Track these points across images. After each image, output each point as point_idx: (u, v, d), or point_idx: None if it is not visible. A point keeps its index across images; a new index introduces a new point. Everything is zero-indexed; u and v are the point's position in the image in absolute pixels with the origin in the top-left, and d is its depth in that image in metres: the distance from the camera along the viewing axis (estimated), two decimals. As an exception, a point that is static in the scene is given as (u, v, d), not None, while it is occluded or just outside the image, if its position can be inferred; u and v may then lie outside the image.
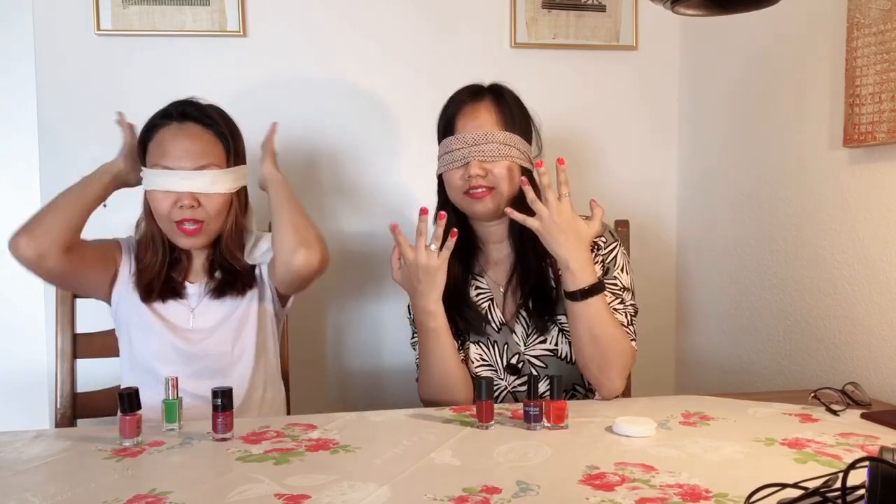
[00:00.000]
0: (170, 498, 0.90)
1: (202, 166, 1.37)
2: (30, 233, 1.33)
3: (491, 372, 1.44)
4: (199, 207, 1.38)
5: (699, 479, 0.94)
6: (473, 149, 1.36)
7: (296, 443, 1.11)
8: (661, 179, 2.12)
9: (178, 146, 1.37)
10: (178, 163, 1.37)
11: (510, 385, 1.44)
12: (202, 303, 1.46)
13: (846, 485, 0.72)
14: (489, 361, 1.45)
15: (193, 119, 1.40)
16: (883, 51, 1.36)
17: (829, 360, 1.56)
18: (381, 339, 2.02)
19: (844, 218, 1.52)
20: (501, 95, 1.42)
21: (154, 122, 1.41)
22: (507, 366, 1.43)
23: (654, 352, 2.13)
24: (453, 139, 1.39)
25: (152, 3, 1.84)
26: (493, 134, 1.37)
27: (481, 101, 1.40)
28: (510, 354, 1.44)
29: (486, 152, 1.36)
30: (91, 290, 1.49)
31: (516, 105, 1.43)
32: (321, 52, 1.94)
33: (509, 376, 1.44)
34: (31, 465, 1.04)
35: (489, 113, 1.39)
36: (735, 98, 1.87)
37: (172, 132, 1.38)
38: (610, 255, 1.41)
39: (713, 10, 1.26)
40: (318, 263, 1.37)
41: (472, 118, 1.39)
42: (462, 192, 1.39)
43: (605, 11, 2.02)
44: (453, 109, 1.42)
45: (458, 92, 1.44)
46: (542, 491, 0.91)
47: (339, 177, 1.97)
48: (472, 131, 1.37)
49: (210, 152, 1.39)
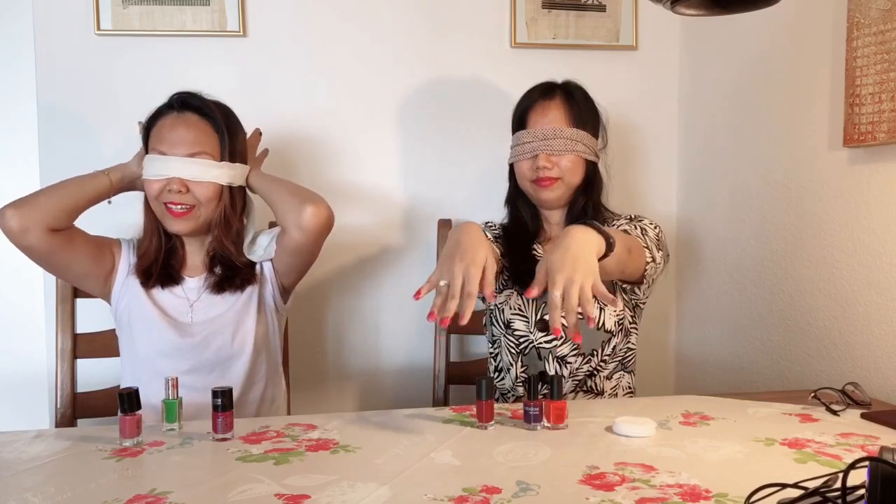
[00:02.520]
0: (170, 498, 0.90)
1: (194, 153, 1.40)
2: (19, 206, 1.36)
3: (524, 323, 1.54)
4: (188, 193, 1.41)
5: (699, 479, 0.94)
6: (543, 143, 1.49)
7: (296, 443, 1.11)
8: (661, 179, 2.12)
9: (174, 133, 1.41)
10: (173, 149, 1.40)
11: (537, 340, 1.53)
12: (201, 297, 1.47)
13: (846, 485, 0.72)
14: (525, 313, 1.55)
15: (192, 109, 1.43)
16: (883, 51, 1.36)
17: (829, 360, 1.56)
18: (381, 338, 2.02)
19: (844, 218, 1.52)
20: (571, 94, 1.54)
21: (156, 112, 1.45)
22: (538, 320, 1.53)
23: (654, 352, 2.13)
24: (524, 133, 1.52)
25: (152, 3, 1.84)
26: (561, 130, 1.49)
27: (552, 99, 1.53)
28: (545, 311, 1.52)
29: (554, 146, 1.49)
30: (79, 279, 1.49)
31: (585, 102, 1.55)
32: (321, 52, 1.94)
33: (538, 332, 1.53)
34: (31, 465, 1.03)
35: (559, 110, 1.51)
36: (735, 98, 1.87)
37: (171, 120, 1.42)
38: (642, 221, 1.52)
39: (713, 10, 1.26)
40: (327, 215, 1.43)
41: (542, 114, 1.52)
42: (530, 181, 1.53)
43: (605, 11, 2.02)
44: (526, 104, 1.55)
45: (531, 89, 1.57)
46: (542, 491, 0.91)
47: (338, 177, 1.97)
48: (542, 126, 1.51)
49: (203, 142, 1.42)
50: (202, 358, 1.44)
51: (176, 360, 1.42)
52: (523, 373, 1.55)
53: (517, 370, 1.55)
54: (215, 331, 1.45)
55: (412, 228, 2.00)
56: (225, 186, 1.44)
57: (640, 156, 2.11)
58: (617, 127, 2.08)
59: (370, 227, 1.99)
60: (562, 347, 1.51)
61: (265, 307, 1.51)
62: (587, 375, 1.53)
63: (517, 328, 1.54)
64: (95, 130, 1.86)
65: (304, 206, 1.40)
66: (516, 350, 1.55)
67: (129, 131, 1.77)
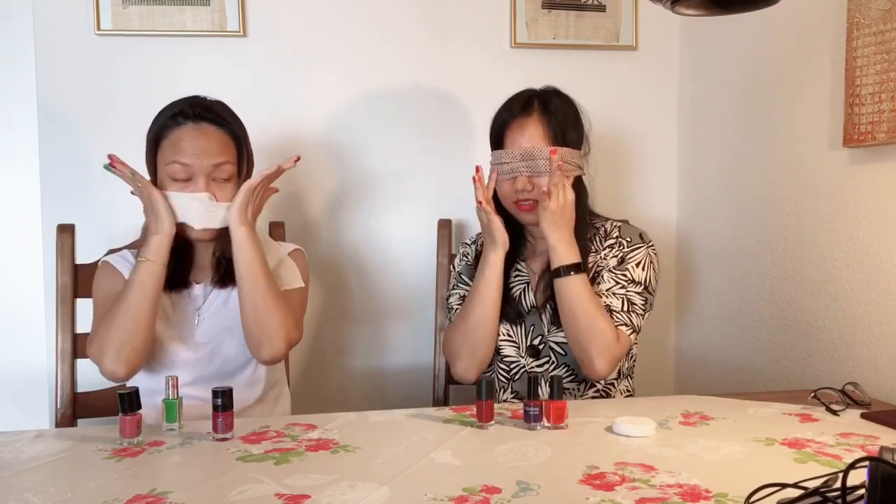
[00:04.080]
0: (170, 498, 0.90)
1: (219, 164, 1.38)
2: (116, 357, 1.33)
3: (514, 349, 1.53)
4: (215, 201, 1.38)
5: (699, 479, 0.94)
6: (522, 164, 1.44)
7: (296, 443, 1.11)
8: (660, 179, 2.12)
9: (196, 144, 1.38)
10: (197, 160, 1.37)
11: (528, 366, 1.52)
12: (208, 299, 1.44)
13: (846, 485, 0.72)
14: (515, 339, 1.53)
15: (208, 120, 1.41)
16: (883, 51, 1.36)
17: (829, 360, 1.56)
18: (382, 338, 2.02)
19: (844, 218, 1.52)
20: (548, 107, 1.47)
21: (167, 123, 1.40)
22: (529, 346, 1.52)
23: (654, 352, 2.13)
24: (503, 153, 1.46)
25: (152, 4, 1.84)
26: (540, 150, 1.43)
27: (530, 115, 1.46)
28: (534, 335, 1.51)
29: (533, 168, 1.43)
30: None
31: (565, 116, 1.48)
32: (321, 52, 1.94)
33: (528, 357, 1.51)
34: (31, 465, 1.03)
35: (537, 126, 1.45)
36: (735, 98, 1.87)
37: (189, 131, 1.39)
38: (632, 252, 1.48)
39: (713, 10, 1.26)
40: (284, 351, 1.41)
41: (520, 132, 1.46)
42: (512, 202, 1.48)
43: (605, 11, 2.02)
44: (503, 119, 1.49)
45: (508, 103, 1.50)
46: (542, 491, 0.91)
47: (338, 176, 1.97)
48: (520, 146, 1.45)
49: (225, 151, 1.40)
50: (207, 371, 1.42)
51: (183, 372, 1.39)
52: (513, 398, 1.53)
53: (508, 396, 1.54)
54: (221, 340, 1.43)
55: (412, 228, 1.99)
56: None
57: (640, 156, 2.11)
58: (616, 127, 2.08)
59: (370, 226, 1.99)
60: (555, 372, 1.49)
61: None
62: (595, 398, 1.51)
63: (507, 354, 1.53)
64: (95, 130, 1.86)
65: (262, 345, 1.38)
66: (507, 377, 1.54)
67: (130, 131, 1.78)
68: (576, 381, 1.49)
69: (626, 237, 1.50)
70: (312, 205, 1.97)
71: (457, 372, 1.52)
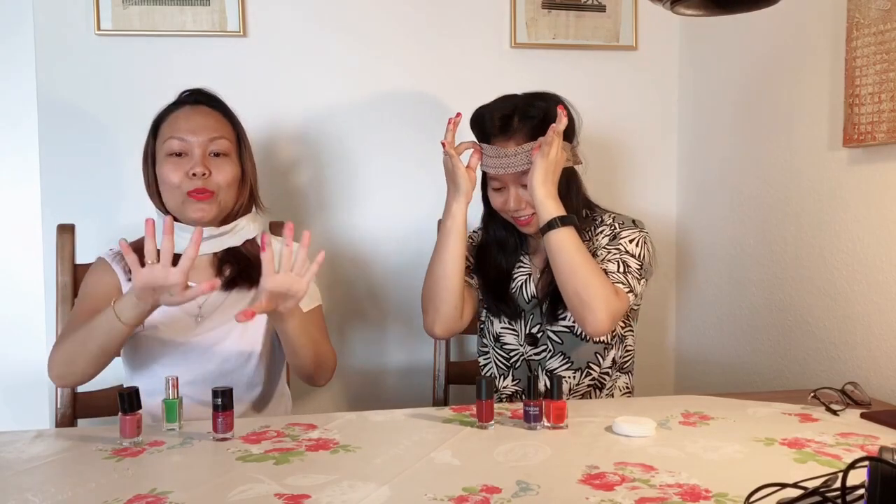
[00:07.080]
0: (170, 498, 0.90)
1: (214, 138, 1.41)
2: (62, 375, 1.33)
3: (514, 337, 1.54)
4: (210, 177, 1.39)
5: (699, 479, 0.94)
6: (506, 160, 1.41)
7: (296, 443, 1.11)
8: (660, 179, 2.12)
9: (191, 121, 1.41)
10: (194, 135, 1.40)
11: (527, 353, 1.53)
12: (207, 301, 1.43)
13: (846, 485, 0.72)
14: (514, 327, 1.54)
15: (204, 103, 1.45)
16: (883, 51, 1.36)
17: (829, 359, 1.56)
18: (382, 338, 2.02)
19: (844, 218, 1.52)
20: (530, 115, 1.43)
21: (166, 110, 1.45)
22: (528, 334, 1.53)
23: (654, 352, 2.13)
24: (488, 147, 1.43)
25: (152, 4, 1.84)
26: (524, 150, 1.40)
27: (511, 137, 1.43)
28: (533, 324, 1.52)
29: (522, 179, 1.42)
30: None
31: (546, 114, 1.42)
32: (321, 52, 1.94)
33: (527, 345, 1.53)
34: (31, 465, 1.04)
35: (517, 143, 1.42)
36: (735, 98, 1.87)
37: (186, 111, 1.43)
38: (624, 231, 1.48)
39: (713, 10, 1.27)
40: (329, 379, 1.47)
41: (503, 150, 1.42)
42: (508, 216, 1.49)
43: (605, 11, 2.02)
44: (486, 131, 1.45)
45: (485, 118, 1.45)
46: (542, 491, 0.91)
47: (339, 176, 1.97)
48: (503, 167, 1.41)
49: (220, 128, 1.43)
50: (207, 371, 1.42)
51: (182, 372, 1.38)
52: (515, 386, 1.55)
53: (509, 382, 1.55)
54: (221, 339, 1.42)
55: (412, 229, 1.99)
56: (245, 175, 1.45)
57: (640, 155, 2.11)
58: (616, 127, 2.08)
59: (370, 227, 1.99)
60: (551, 360, 1.50)
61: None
62: (591, 388, 1.52)
63: (507, 342, 1.55)
64: (95, 130, 1.86)
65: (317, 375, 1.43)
66: (507, 364, 1.55)
67: (129, 131, 1.78)
68: (571, 370, 1.50)
69: (620, 222, 1.50)
70: (312, 204, 1.97)
71: (425, 326, 1.51)
